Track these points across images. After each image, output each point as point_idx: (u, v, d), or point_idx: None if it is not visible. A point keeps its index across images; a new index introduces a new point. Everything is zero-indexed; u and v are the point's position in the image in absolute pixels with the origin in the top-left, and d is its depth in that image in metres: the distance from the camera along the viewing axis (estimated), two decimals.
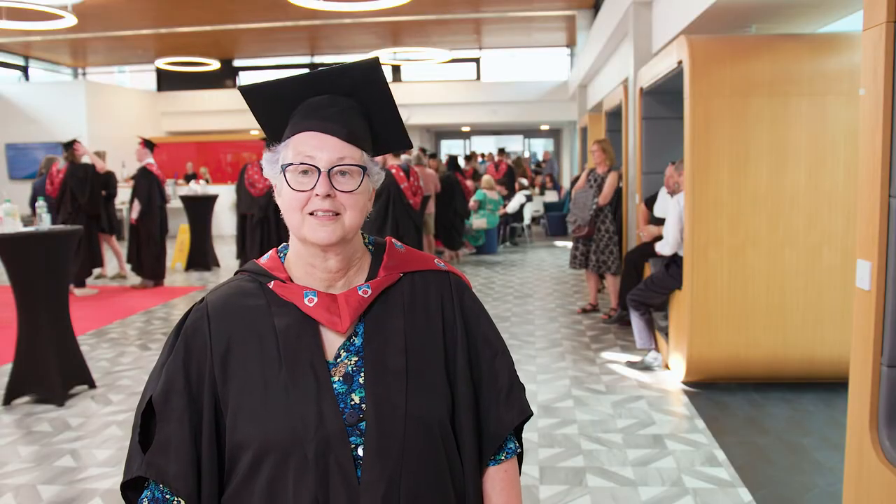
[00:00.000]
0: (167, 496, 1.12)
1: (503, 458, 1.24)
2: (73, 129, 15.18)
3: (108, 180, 9.37)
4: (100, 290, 8.68)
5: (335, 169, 1.12)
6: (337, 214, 1.12)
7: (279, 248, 1.25)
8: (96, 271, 9.72)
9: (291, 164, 1.12)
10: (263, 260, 1.23)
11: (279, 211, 1.20)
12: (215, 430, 1.12)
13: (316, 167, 1.11)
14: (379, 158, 1.91)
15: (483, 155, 19.01)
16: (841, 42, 4.51)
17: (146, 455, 1.11)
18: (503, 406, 1.22)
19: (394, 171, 6.25)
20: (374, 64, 1.17)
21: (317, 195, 1.11)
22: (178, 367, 1.13)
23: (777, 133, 4.45)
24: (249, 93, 1.16)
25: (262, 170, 1.22)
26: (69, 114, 15.75)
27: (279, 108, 1.17)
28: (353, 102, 1.17)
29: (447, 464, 1.16)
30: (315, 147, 1.12)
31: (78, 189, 8.19)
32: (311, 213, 1.12)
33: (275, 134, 1.20)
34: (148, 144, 8.68)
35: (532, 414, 1.26)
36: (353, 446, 1.09)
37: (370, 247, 1.25)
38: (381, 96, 1.18)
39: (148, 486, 1.13)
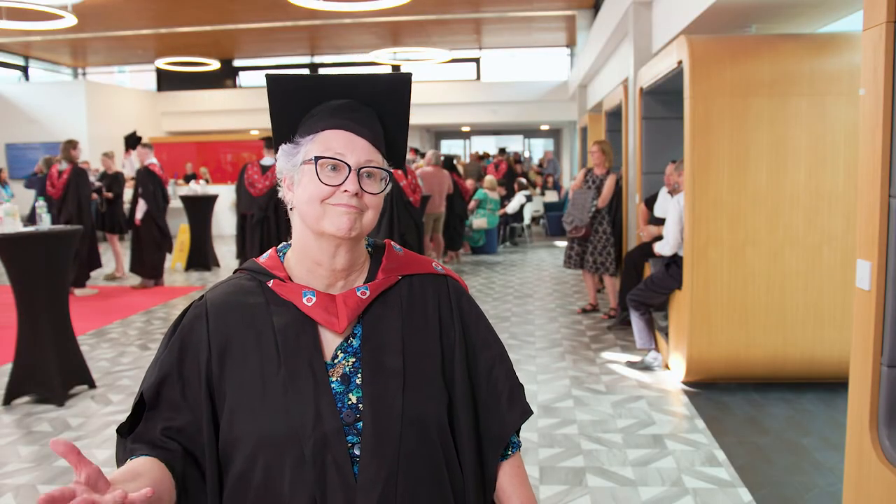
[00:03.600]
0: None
1: (510, 453, 1.26)
2: (73, 129, 15.19)
3: (115, 180, 9.39)
4: (100, 290, 8.68)
5: (363, 170, 1.14)
6: (359, 211, 1.14)
7: (279, 247, 1.26)
8: (107, 271, 9.73)
9: (323, 158, 1.13)
10: (263, 259, 1.24)
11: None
12: (213, 427, 1.13)
13: (346, 164, 1.13)
14: None
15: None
16: (841, 42, 4.51)
17: (132, 439, 1.11)
18: (506, 408, 1.23)
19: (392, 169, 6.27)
20: (406, 78, 1.19)
21: (345, 191, 1.12)
22: (173, 362, 1.14)
23: (777, 133, 4.45)
24: (275, 83, 1.17)
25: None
26: (69, 114, 15.75)
27: (299, 105, 1.18)
28: (372, 111, 1.18)
29: (444, 464, 1.16)
30: (344, 145, 1.14)
31: (84, 190, 8.25)
32: (333, 205, 1.13)
33: (282, 131, 1.20)
34: (137, 143, 8.64)
35: (532, 413, 1.27)
36: (349, 445, 1.10)
37: (369, 249, 1.26)
38: (400, 111, 1.21)
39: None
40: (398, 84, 1.18)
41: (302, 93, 1.17)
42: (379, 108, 1.19)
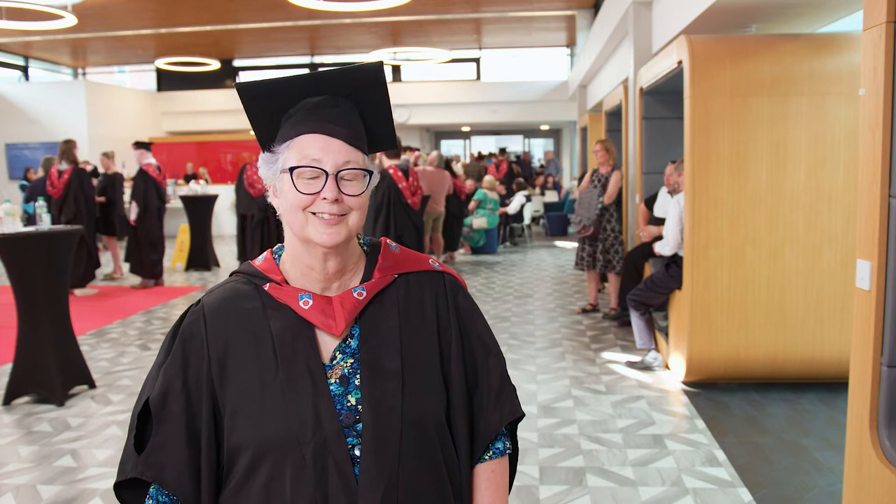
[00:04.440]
0: (172, 498, 1.12)
1: (487, 457, 1.24)
2: (73, 129, 15.19)
3: (114, 181, 9.38)
4: (100, 290, 8.68)
5: (341, 173, 1.12)
6: (342, 216, 1.12)
7: (274, 249, 1.25)
8: (106, 271, 9.74)
9: (298, 168, 1.11)
10: (258, 261, 1.23)
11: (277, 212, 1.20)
12: (213, 432, 1.12)
13: (323, 170, 1.11)
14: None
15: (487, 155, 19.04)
16: (841, 42, 4.51)
17: (144, 456, 1.10)
18: (492, 407, 1.22)
19: (391, 171, 6.25)
20: (378, 67, 1.16)
21: (324, 199, 1.11)
22: (177, 370, 1.13)
23: (777, 133, 4.45)
24: (246, 90, 1.15)
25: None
26: (69, 114, 15.75)
27: (275, 108, 1.16)
28: (351, 104, 1.17)
29: (444, 463, 1.16)
30: (320, 150, 1.12)
31: (85, 191, 8.27)
32: (314, 213, 1.12)
33: (265, 135, 1.19)
34: (142, 145, 8.68)
35: (523, 415, 1.26)
36: (350, 447, 1.10)
37: (365, 248, 1.25)
38: (379, 98, 1.18)
39: (149, 491, 1.13)
40: (371, 73, 1.16)
41: (276, 96, 1.15)
42: (356, 99, 1.17)
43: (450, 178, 9.59)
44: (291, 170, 1.12)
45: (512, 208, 12.50)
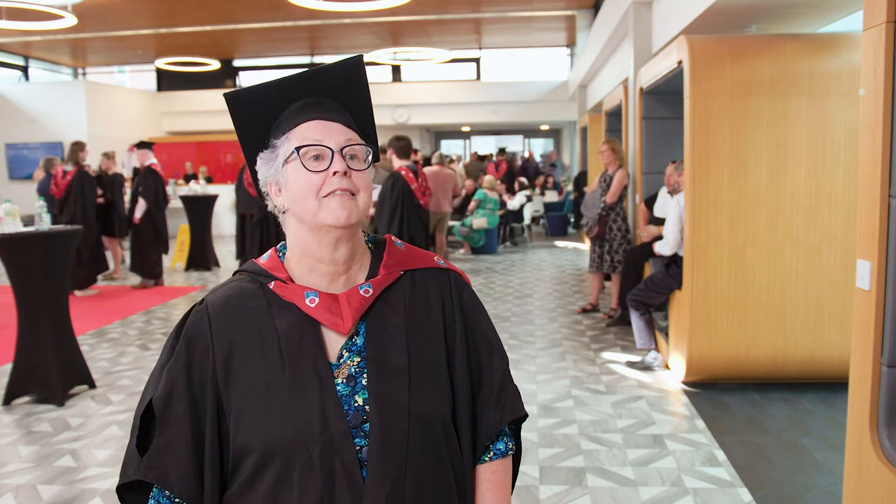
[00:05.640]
0: (174, 500, 1.11)
1: (488, 458, 1.23)
2: (73, 129, 15.19)
3: (113, 182, 9.37)
4: (100, 290, 8.68)
5: (345, 150, 1.15)
6: (353, 195, 1.14)
7: (278, 247, 1.25)
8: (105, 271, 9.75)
9: (303, 147, 1.13)
10: (263, 260, 1.23)
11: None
12: (217, 432, 1.12)
13: (328, 147, 1.13)
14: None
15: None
16: (841, 42, 4.51)
17: (147, 458, 1.10)
18: (493, 406, 1.22)
19: (403, 172, 6.24)
20: (358, 61, 1.19)
21: (334, 173, 1.12)
22: (181, 370, 1.13)
23: (777, 133, 4.45)
24: (235, 99, 1.17)
25: None
26: (69, 114, 15.74)
27: (263, 114, 1.19)
28: (336, 102, 1.19)
29: (450, 461, 1.16)
30: (321, 132, 1.15)
31: (88, 194, 8.29)
32: (327, 196, 1.13)
33: (253, 144, 1.21)
34: (145, 145, 8.71)
35: (526, 415, 1.26)
36: (358, 448, 1.09)
37: (370, 245, 1.25)
38: (362, 95, 1.21)
39: (151, 493, 1.13)
40: (353, 68, 1.19)
41: (264, 102, 1.18)
42: (341, 97, 1.20)
43: (455, 177, 9.59)
44: (297, 150, 1.13)
45: (512, 205, 12.51)
